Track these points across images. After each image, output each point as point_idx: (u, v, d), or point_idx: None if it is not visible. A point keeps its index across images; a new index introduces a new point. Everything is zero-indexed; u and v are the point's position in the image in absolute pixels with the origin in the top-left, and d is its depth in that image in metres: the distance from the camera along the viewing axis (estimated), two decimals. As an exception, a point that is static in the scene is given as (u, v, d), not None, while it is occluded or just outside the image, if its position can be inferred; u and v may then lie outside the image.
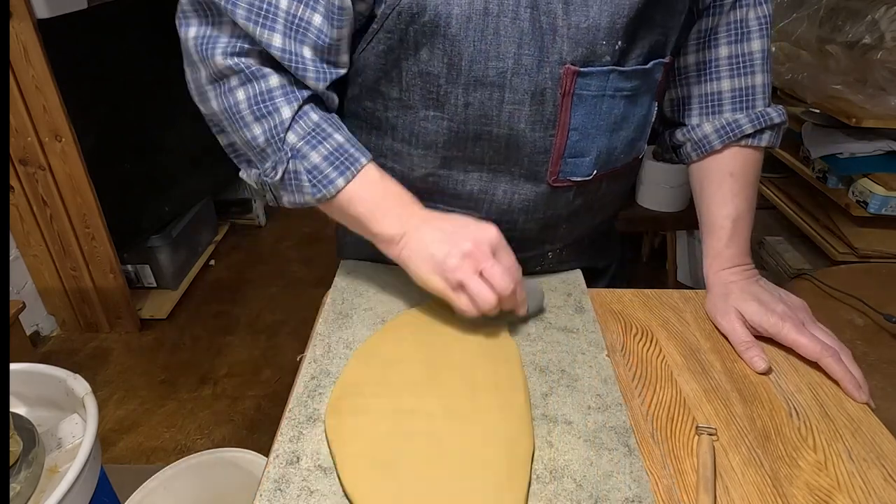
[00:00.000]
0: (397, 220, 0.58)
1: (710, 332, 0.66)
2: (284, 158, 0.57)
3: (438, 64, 0.57)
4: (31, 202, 1.81)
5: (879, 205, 1.27)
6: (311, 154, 0.57)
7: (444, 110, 0.60)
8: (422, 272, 0.57)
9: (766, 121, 0.67)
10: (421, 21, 0.55)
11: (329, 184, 0.57)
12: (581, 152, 0.62)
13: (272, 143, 0.57)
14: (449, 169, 0.64)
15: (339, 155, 0.57)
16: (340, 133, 0.58)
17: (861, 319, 0.82)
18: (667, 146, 0.75)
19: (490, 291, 0.55)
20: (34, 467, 0.73)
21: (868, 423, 0.54)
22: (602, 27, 0.55)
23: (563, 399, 0.55)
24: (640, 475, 0.47)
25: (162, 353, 1.96)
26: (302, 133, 0.57)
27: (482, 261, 0.55)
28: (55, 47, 1.64)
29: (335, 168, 0.57)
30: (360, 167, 0.57)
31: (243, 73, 0.56)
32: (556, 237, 0.71)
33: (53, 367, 0.85)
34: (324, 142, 0.57)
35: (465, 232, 0.56)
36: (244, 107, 0.57)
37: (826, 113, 1.41)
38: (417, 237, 0.57)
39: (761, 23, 0.66)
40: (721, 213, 0.68)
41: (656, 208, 1.73)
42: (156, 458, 1.56)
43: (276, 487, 0.45)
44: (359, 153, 0.58)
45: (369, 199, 0.58)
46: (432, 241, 0.56)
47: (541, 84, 0.57)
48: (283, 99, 0.56)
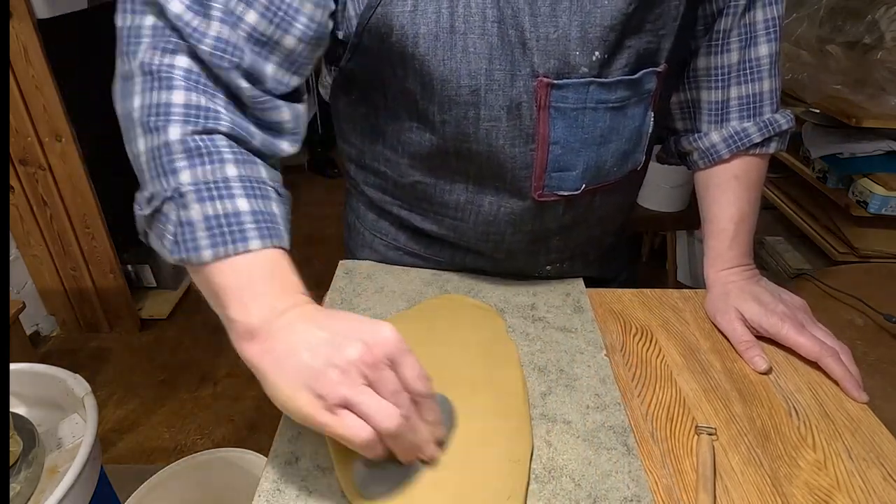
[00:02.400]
0: (267, 308, 0.42)
1: (709, 332, 0.66)
2: (161, 195, 0.44)
3: (413, 82, 0.56)
4: (31, 202, 1.81)
5: (879, 205, 1.27)
6: (194, 207, 0.43)
7: (426, 124, 0.59)
8: (283, 387, 0.40)
9: (775, 128, 0.66)
10: (389, 40, 0.54)
11: (193, 249, 0.43)
12: (566, 166, 0.59)
13: (155, 167, 0.44)
14: (436, 178, 0.64)
15: (225, 223, 0.43)
16: (253, 202, 0.44)
17: (861, 319, 0.82)
18: (672, 152, 0.74)
19: (383, 405, 0.40)
20: (34, 467, 0.73)
21: (868, 423, 0.54)
22: (573, 37, 0.53)
23: (561, 399, 0.55)
24: (639, 475, 0.47)
25: (162, 353, 1.96)
26: (200, 179, 0.43)
27: (376, 370, 0.40)
28: (55, 47, 1.64)
29: (210, 236, 0.42)
30: (243, 249, 0.43)
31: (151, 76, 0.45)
32: (549, 249, 0.69)
33: (53, 367, 0.85)
34: (217, 200, 0.43)
35: (354, 332, 0.41)
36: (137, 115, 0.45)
37: (826, 113, 1.41)
38: (288, 337, 0.41)
39: (769, 26, 0.64)
40: (724, 215, 0.68)
41: (656, 208, 1.73)
42: (156, 458, 1.56)
43: (276, 487, 0.45)
44: (255, 233, 0.43)
45: (244, 274, 0.43)
46: (308, 343, 0.41)
47: (515, 98, 0.55)
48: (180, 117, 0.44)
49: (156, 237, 0.46)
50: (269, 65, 0.48)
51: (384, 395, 0.40)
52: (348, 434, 0.39)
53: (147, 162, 0.45)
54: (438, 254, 0.73)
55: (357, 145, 0.69)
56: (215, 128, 0.45)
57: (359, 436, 0.39)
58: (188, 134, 0.44)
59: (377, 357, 0.40)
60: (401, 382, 0.41)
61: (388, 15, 0.52)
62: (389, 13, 0.52)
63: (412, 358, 0.42)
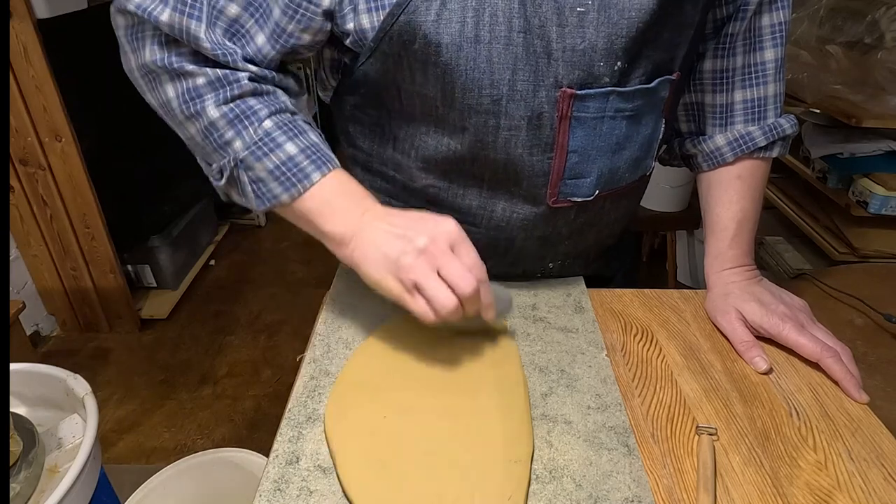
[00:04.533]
0: (348, 218, 0.54)
1: (710, 332, 0.66)
2: (228, 166, 0.55)
3: (433, 89, 0.56)
4: (31, 202, 1.81)
5: (879, 205, 1.27)
6: (256, 165, 0.53)
7: (444, 129, 0.59)
8: (373, 274, 0.52)
9: (779, 132, 0.66)
10: (412, 48, 0.53)
11: (273, 198, 0.54)
12: (581, 174, 0.60)
13: (210, 143, 0.55)
14: (449, 182, 0.63)
15: (286, 170, 0.53)
16: (296, 141, 0.54)
17: (861, 319, 0.82)
18: (676, 154, 0.74)
19: (449, 292, 0.49)
20: (34, 467, 0.73)
21: (868, 423, 0.54)
22: (599, 48, 0.53)
23: (562, 399, 0.55)
24: (640, 475, 0.47)
25: (162, 353, 1.96)
26: (249, 141, 0.53)
27: (439, 257, 0.50)
28: (55, 47, 1.64)
29: (280, 183, 0.53)
30: (309, 184, 0.53)
31: (172, 70, 0.53)
32: (558, 253, 0.70)
33: (53, 367, 0.85)
34: (271, 153, 0.53)
35: (421, 226, 0.51)
36: (175, 105, 0.54)
37: (826, 113, 1.41)
38: (369, 236, 0.52)
39: (775, 30, 0.64)
40: (726, 215, 0.68)
41: (656, 208, 1.72)
42: (156, 458, 1.56)
43: (276, 487, 0.45)
44: (312, 167, 0.53)
45: (319, 198, 0.54)
46: (385, 238, 0.51)
47: (537, 109, 0.55)
48: (211, 97, 0.53)
49: (238, 196, 0.57)
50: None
51: (450, 276, 0.49)
52: (419, 312, 0.50)
53: (203, 140, 0.55)
54: None
55: (364, 149, 0.68)
56: (240, 92, 0.54)
57: (427, 314, 0.50)
58: (223, 106, 0.53)
59: (441, 247, 0.50)
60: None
61: (411, 23, 0.52)
62: (413, 21, 0.52)
63: (468, 246, 0.51)
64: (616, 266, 0.82)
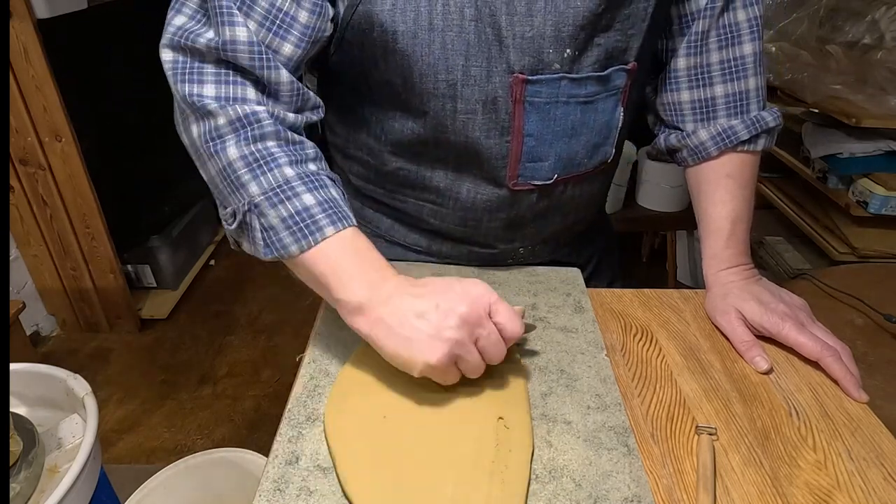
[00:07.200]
0: (366, 285, 0.50)
1: (709, 332, 0.66)
2: (241, 209, 0.52)
3: (395, 75, 0.58)
4: (31, 202, 1.81)
5: (879, 205, 1.27)
6: (270, 212, 0.50)
7: (408, 113, 0.61)
8: (404, 350, 0.48)
9: (762, 125, 0.67)
10: (371, 36, 0.56)
11: (282, 248, 0.51)
12: (539, 157, 0.62)
13: (228, 185, 0.52)
14: (417, 164, 0.66)
15: (299, 219, 0.50)
16: (315, 193, 0.51)
17: (861, 319, 0.82)
18: (661, 149, 0.75)
19: (482, 361, 0.50)
20: (34, 467, 0.73)
21: (868, 423, 0.54)
22: (547, 36, 0.55)
23: (562, 399, 0.55)
24: (640, 475, 0.47)
25: (162, 353, 1.96)
26: (266, 187, 0.51)
27: (478, 327, 0.48)
28: (55, 47, 1.64)
29: (291, 233, 0.50)
30: (321, 237, 0.50)
31: (195, 109, 0.52)
32: (525, 235, 0.71)
33: (53, 367, 0.85)
34: (287, 201, 0.50)
35: (452, 295, 0.49)
36: (199, 144, 0.53)
37: (826, 113, 1.41)
38: (393, 306, 0.49)
39: (752, 25, 0.65)
40: (719, 214, 0.68)
41: (656, 208, 1.73)
42: (156, 458, 1.56)
43: (276, 487, 0.45)
44: (327, 220, 0.50)
45: (333, 259, 0.50)
46: (415, 309, 0.48)
47: (491, 93, 0.58)
48: (232, 137, 0.51)
49: (248, 243, 0.54)
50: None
51: (487, 347, 0.49)
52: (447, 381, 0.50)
53: (221, 182, 0.53)
54: (417, 242, 0.75)
55: (342, 135, 0.72)
56: (262, 134, 0.52)
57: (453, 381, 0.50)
58: (243, 147, 0.51)
59: (480, 315, 0.48)
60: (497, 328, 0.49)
61: (368, 13, 0.55)
62: (370, 11, 0.55)
63: (504, 305, 0.50)
64: (588, 253, 0.83)
